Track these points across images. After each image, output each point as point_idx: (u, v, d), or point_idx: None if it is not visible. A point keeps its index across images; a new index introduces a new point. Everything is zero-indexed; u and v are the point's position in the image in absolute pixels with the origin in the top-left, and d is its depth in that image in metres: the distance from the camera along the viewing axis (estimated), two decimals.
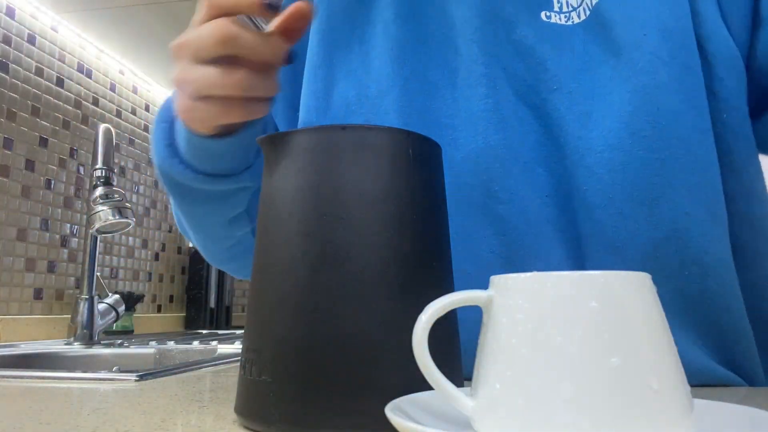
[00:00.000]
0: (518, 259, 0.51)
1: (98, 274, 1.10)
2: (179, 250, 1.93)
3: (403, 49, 0.55)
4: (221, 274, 1.96)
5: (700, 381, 0.48)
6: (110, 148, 1.07)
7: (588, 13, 0.52)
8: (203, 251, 0.65)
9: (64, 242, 1.43)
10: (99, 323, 1.08)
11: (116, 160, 1.64)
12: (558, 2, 0.53)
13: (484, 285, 0.27)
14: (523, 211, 0.51)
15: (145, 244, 1.76)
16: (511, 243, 0.51)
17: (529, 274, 0.24)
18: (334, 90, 0.57)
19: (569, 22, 0.52)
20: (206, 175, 0.50)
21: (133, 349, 0.97)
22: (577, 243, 0.51)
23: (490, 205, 0.52)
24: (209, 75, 0.39)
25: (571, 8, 0.53)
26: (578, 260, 0.51)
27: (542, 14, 0.53)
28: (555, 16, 0.53)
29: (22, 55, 1.33)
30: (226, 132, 0.46)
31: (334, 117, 0.56)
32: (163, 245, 1.85)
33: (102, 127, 1.08)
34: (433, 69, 0.55)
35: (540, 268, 0.50)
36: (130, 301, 1.53)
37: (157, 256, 1.81)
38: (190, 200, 0.54)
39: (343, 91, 0.56)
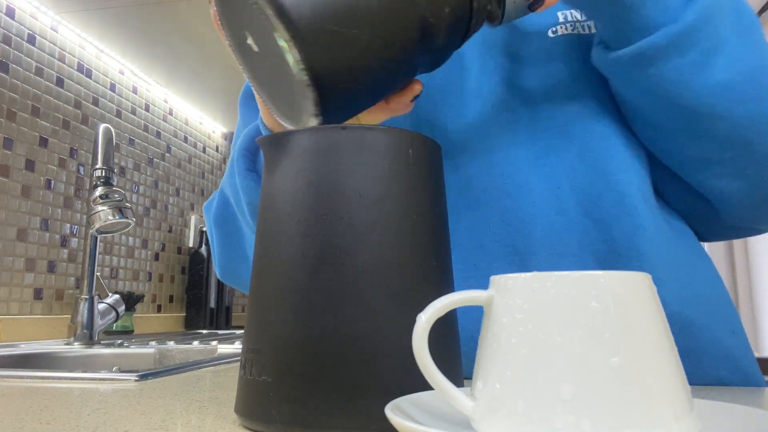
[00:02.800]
0: (524, 248, 0.51)
1: (98, 274, 1.10)
2: (179, 250, 1.93)
3: None
4: None
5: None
6: (110, 148, 1.07)
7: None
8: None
9: (64, 242, 1.42)
10: (99, 323, 1.08)
11: (116, 160, 1.64)
12: (563, 14, 0.55)
13: (488, 276, 0.27)
14: (532, 202, 0.52)
15: (145, 244, 1.76)
16: (517, 232, 0.52)
17: (529, 274, 0.24)
18: None
19: (575, 32, 0.54)
20: None
21: (133, 349, 0.97)
22: (587, 232, 0.51)
23: (498, 197, 0.53)
24: None
25: (575, 19, 0.54)
26: (590, 247, 0.51)
27: (549, 32, 0.54)
28: (561, 27, 0.54)
29: (22, 55, 1.33)
30: None
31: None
32: (163, 245, 1.85)
33: (102, 127, 1.08)
34: (440, 80, 0.57)
35: (545, 258, 0.50)
36: (130, 301, 1.53)
37: (157, 256, 1.81)
38: None
39: None
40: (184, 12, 1.40)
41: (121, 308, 1.15)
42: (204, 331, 1.74)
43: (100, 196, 1.02)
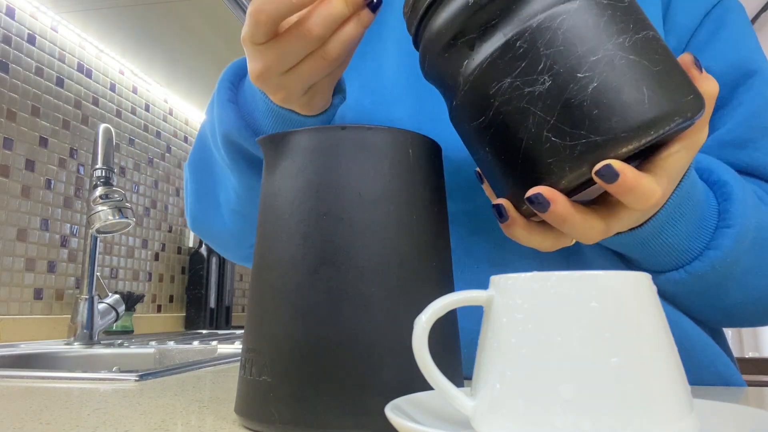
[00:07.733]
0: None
1: (98, 274, 1.10)
2: (179, 250, 1.93)
3: (415, 63, 0.59)
4: (221, 274, 1.96)
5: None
6: (110, 148, 1.07)
7: None
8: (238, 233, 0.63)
9: (64, 242, 1.42)
10: (99, 323, 1.08)
11: (116, 160, 1.64)
12: None
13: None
14: None
15: (145, 244, 1.76)
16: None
17: (529, 274, 0.24)
18: (350, 98, 0.60)
19: None
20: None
21: (133, 349, 0.97)
22: None
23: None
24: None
25: None
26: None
27: None
28: None
29: (22, 55, 1.33)
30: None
31: (351, 120, 0.59)
32: (163, 245, 1.85)
33: (102, 127, 1.08)
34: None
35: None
36: (130, 301, 1.53)
37: (157, 256, 1.81)
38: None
39: (359, 99, 0.60)
40: (184, 12, 1.40)
41: (121, 308, 1.15)
42: (204, 331, 1.74)
43: (100, 196, 1.02)
